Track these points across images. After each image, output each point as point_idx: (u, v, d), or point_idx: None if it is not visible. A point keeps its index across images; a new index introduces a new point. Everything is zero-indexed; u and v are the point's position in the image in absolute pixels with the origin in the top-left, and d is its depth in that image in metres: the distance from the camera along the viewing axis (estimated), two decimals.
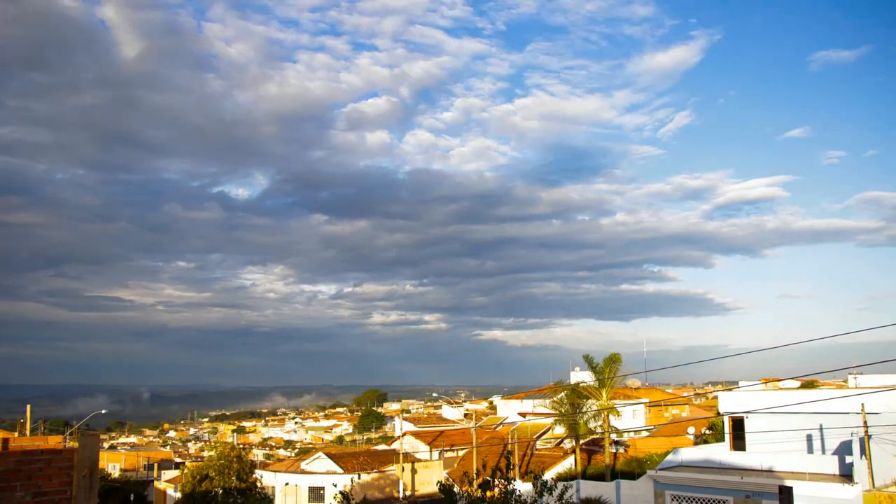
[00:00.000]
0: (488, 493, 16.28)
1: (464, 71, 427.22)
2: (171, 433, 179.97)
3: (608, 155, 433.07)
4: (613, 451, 40.20)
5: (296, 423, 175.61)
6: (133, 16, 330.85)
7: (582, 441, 39.54)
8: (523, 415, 60.01)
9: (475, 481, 17.33)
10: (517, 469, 37.93)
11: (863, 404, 25.90)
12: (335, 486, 42.84)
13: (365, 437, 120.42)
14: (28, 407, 52.55)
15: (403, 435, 59.24)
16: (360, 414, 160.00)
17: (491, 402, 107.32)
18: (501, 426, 61.88)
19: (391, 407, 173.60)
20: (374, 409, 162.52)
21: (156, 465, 70.68)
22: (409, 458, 51.51)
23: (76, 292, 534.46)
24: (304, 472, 49.67)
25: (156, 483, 59.55)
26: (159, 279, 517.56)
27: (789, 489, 23.01)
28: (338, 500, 17.35)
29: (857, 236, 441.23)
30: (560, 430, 46.56)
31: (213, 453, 40.19)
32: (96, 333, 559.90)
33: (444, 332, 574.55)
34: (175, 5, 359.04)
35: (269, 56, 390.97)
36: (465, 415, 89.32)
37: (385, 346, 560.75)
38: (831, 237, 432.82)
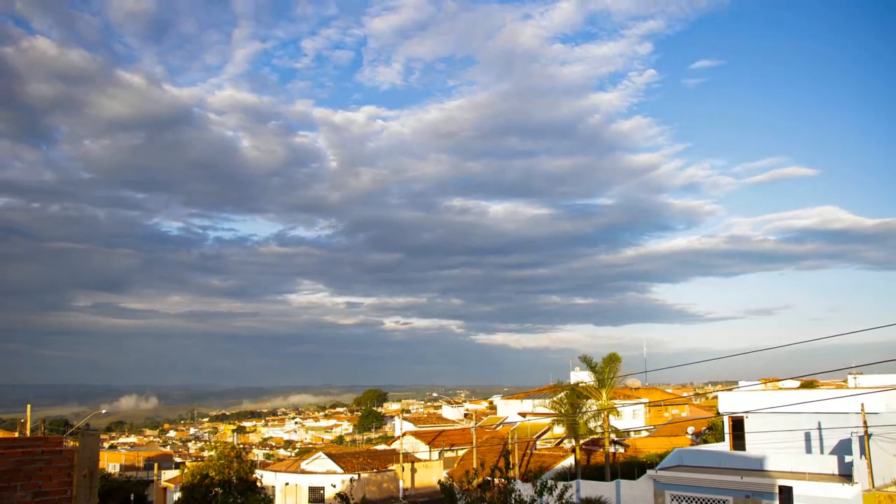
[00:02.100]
0: (487, 493, 16.31)
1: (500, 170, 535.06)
2: (171, 433, 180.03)
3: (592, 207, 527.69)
4: (613, 450, 40.20)
5: (296, 422, 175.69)
6: (265, 140, 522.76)
7: (582, 441, 39.52)
8: (523, 415, 60.02)
9: (474, 481, 17.34)
10: (517, 469, 37.94)
11: (862, 404, 25.90)
12: (334, 486, 43.02)
13: (365, 437, 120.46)
14: (28, 406, 52.56)
15: (403, 435, 59.28)
16: (360, 414, 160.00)
17: (491, 402, 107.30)
18: (501, 426, 61.90)
19: (391, 407, 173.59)
20: (374, 409, 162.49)
21: (156, 464, 70.68)
22: (409, 457, 51.54)
23: (114, 304, 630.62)
24: (304, 471, 49.67)
25: (156, 482, 59.58)
26: (209, 294, 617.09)
27: (789, 489, 23.05)
28: (336, 500, 17.33)
29: (798, 261, 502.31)
30: (560, 429, 46.56)
31: (213, 453, 40.19)
32: (119, 339, 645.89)
33: (451, 336, 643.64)
34: (301, 135, 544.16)
35: (353, 163, 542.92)
36: (465, 415, 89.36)
37: (395, 349, 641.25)
38: (781, 260, 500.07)
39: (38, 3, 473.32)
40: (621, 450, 42.49)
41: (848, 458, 25.63)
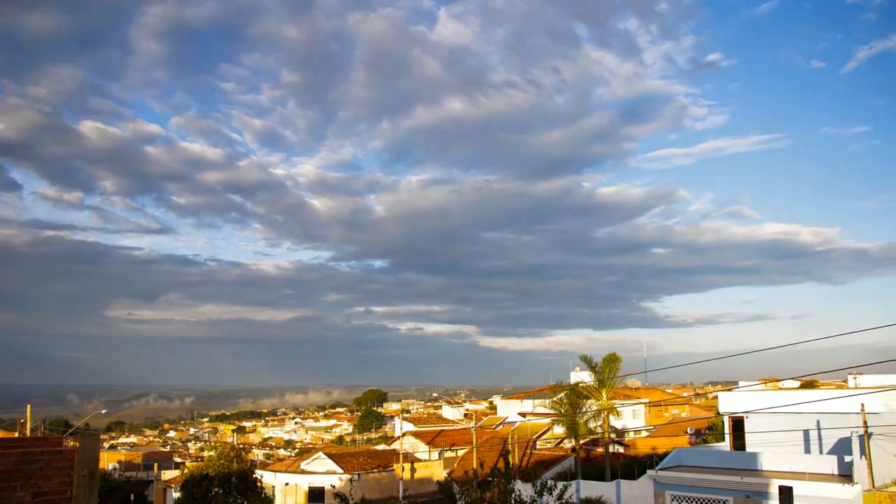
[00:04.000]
0: (487, 493, 16.30)
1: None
2: (171, 433, 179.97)
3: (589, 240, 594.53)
4: (613, 450, 40.20)
5: (296, 423, 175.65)
6: (332, 200, 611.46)
7: (582, 441, 39.53)
8: (523, 415, 60.05)
9: (474, 481, 17.34)
10: (517, 469, 37.91)
11: (862, 404, 25.90)
12: (333, 486, 43.00)
13: (365, 437, 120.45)
14: (28, 406, 52.51)
15: (403, 435, 59.31)
16: (360, 414, 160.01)
17: (491, 402, 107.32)
18: (501, 426, 61.89)
19: (391, 407, 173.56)
20: (374, 409, 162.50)
21: (156, 464, 70.68)
22: (409, 457, 51.55)
23: (143, 313, 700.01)
24: (304, 472, 49.67)
25: (156, 483, 59.57)
26: (241, 304, 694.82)
27: (789, 489, 23.02)
28: (335, 500, 17.31)
29: (762, 275, 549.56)
30: (560, 429, 46.55)
31: (213, 453, 40.16)
32: (138, 344, 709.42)
33: (455, 340, 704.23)
34: (360, 196, 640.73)
35: (399, 215, 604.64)
36: (465, 415, 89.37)
37: (403, 351, 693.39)
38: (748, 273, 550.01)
39: (206, 129, 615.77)
40: (621, 450, 42.49)
41: (848, 458, 25.64)
